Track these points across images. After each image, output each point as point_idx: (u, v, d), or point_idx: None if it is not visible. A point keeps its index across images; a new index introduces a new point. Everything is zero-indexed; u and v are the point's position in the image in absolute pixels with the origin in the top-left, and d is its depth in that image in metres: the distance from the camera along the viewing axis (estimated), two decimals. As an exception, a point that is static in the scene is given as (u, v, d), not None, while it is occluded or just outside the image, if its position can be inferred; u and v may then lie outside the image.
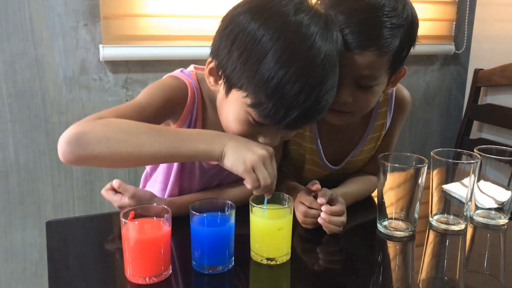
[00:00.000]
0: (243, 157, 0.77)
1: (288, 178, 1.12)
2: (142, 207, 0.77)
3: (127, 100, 1.81)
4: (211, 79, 0.88)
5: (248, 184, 0.79)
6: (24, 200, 1.76)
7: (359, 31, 0.87)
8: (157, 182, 1.07)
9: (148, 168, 1.12)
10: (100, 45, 1.71)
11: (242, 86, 0.80)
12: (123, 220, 0.73)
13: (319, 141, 1.09)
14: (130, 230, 0.73)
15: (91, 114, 0.82)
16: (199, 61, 1.76)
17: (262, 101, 0.78)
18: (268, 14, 0.78)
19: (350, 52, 0.88)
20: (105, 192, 0.93)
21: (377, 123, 1.12)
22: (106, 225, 0.99)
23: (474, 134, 2.24)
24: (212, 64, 0.85)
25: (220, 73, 0.84)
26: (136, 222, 0.74)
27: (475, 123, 2.22)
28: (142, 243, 0.73)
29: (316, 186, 0.94)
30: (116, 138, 0.77)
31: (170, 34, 1.80)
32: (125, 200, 0.90)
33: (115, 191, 0.92)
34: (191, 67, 1.01)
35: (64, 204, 1.82)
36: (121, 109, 0.85)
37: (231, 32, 0.81)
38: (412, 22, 0.92)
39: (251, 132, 0.84)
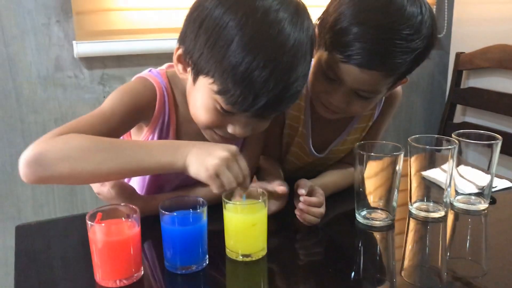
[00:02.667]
0: (205, 164, 0.75)
1: (269, 162, 1.09)
2: (109, 208, 0.74)
3: (104, 97, 1.76)
4: (180, 67, 0.86)
5: (214, 190, 0.77)
6: (3, 203, 1.72)
7: (370, 50, 0.84)
8: (134, 181, 1.04)
9: None
10: (74, 42, 1.67)
11: (209, 72, 0.78)
12: (89, 222, 0.70)
13: (310, 125, 1.08)
14: (97, 232, 0.71)
15: (53, 129, 0.79)
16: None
17: (229, 87, 0.76)
18: (234, 0, 0.76)
19: (356, 66, 0.85)
20: None
21: (365, 113, 1.10)
22: (77, 228, 0.96)
23: (457, 118, 2.23)
24: (180, 51, 0.83)
25: (187, 59, 0.82)
26: (103, 224, 0.71)
27: (458, 107, 2.22)
28: (110, 245, 0.71)
29: (301, 191, 0.91)
30: (76, 156, 0.75)
31: (146, 27, 1.76)
32: (105, 188, 0.88)
33: None
34: (163, 66, 0.98)
35: (44, 206, 1.79)
36: (86, 119, 0.83)
37: (198, 17, 0.79)
38: (428, 45, 0.88)
39: (219, 121, 0.82)
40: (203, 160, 0.75)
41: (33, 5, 1.61)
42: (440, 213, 0.95)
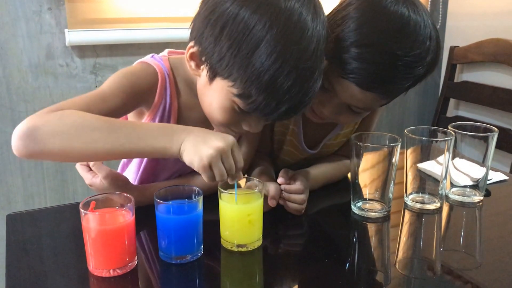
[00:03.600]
0: (200, 153, 0.73)
1: (262, 160, 1.08)
2: (103, 197, 0.73)
3: (96, 86, 1.75)
4: (192, 64, 0.83)
5: (205, 179, 0.75)
6: (-7, 193, 1.70)
7: (371, 73, 0.83)
8: (130, 171, 1.03)
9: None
10: (66, 30, 1.64)
11: (230, 76, 0.76)
12: (83, 211, 0.69)
13: (301, 122, 1.07)
14: (91, 221, 0.69)
15: (51, 105, 0.78)
16: (169, 44, 1.71)
17: (252, 94, 0.75)
18: (259, 1, 0.73)
19: (354, 84, 0.84)
20: (80, 167, 0.90)
21: None
22: (69, 217, 0.95)
23: (451, 112, 2.24)
24: (194, 49, 0.81)
25: (203, 59, 0.80)
26: (97, 213, 0.70)
27: (452, 101, 2.22)
28: (103, 234, 0.69)
29: (281, 179, 0.92)
30: (69, 133, 0.74)
31: (139, 16, 1.75)
32: (97, 180, 0.87)
33: (90, 168, 0.89)
34: (165, 52, 0.97)
35: (35, 196, 1.77)
36: (83, 99, 0.81)
37: (218, 19, 0.75)
38: (429, 70, 0.87)
39: (235, 120, 0.82)
40: (198, 149, 0.73)
41: (24, -8, 1.58)
42: (436, 205, 0.94)
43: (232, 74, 0.75)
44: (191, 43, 0.82)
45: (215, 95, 0.80)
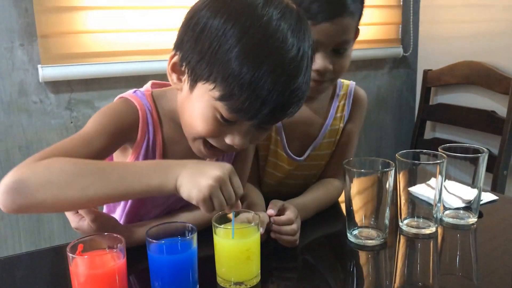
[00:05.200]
0: (198, 185, 0.70)
1: (251, 191, 1.05)
2: (92, 239, 0.68)
3: (71, 122, 1.70)
4: (174, 77, 0.82)
5: (204, 211, 0.72)
6: (-37, 238, 1.62)
7: (329, 2, 0.92)
8: (116, 212, 0.99)
9: None
10: (39, 65, 1.60)
11: (210, 77, 0.74)
12: (71, 255, 0.64)
13: (282, 130, 1.08)
14: (79, 265, 0.65)
15: (33, 155, 0.74)
16: (146, 77, 1.68)
17: (235, 92, 0.72)
18: (234, 7, 0.74)
19: (325, 22, 0.92)
20: None
21: (336, 115, 1.13)
22: (53, 261, 0.89)
23: (428, 134, 2.26)
24: (175, 58, 0.80)
25: (184, 66, 0.79)
26: (86, 256, 0.66)
27: (428, 123, 2.25)
28: (94, 278, 0.65)
29: (270, 211, 0.89)
30: (58, 182, 0.70)
31: (114, 50, 1.72)
32: (84, 223, 0.82)
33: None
34: (148, 84, 0.94)
35: (9, 239, 1.68)
36: (67, 143, 0.79)
37: (197, 24, 0.76)
38: None
39: (217, 131, 0.79)
40: (196, 181, 0.70)
41: (-5, 28, 1.54)
42: (431, 229, 0.93)
43: (212, 73, 0.74)
44: (173, 52, 0.81)
45: (196, 104, 0.79)
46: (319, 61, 0.96)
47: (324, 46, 0.95)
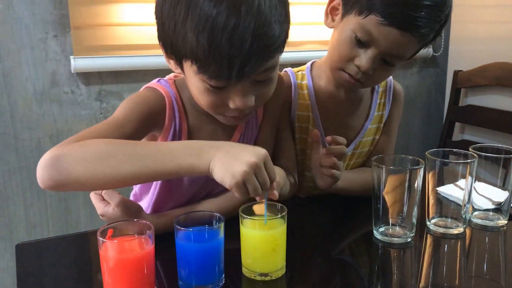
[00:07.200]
0: (232, 170, 0.70)
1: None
2: (122, 224, 0.70)
3: (101, 113, 1.73)
4: (172, 63, 0.85)
5: (237, 196, 0.72)
6: (-6, 223, 1.66)
7: (412, 14, 0.88)
8: (143, 199, 1.01)
9: (136, 188, 1.06)
10: (71, 57, 1.63)
11: (185, 54, 0.77)
12: (101, 239, 0.66)
13: (320, 123, 1.09)
14: (109, 249, 0.66)
15: (69, 137, 0.78)
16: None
17: (203, 61, 0.75)
18: None
19: (395, 28, 0.89)
20: (93, 196, 0.88)
21: (376, 114, 1.13)
22: (82, 246, 0.91)
23: (456, 135, 2.22)
24: (163, 48, 0.83)
25: (169, 53, 0.82)
26: (115, 241, 0.67)
27: (457, 125, 2.21)
28: (122, 263, 0.66)
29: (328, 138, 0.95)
30: (93, 159, 0.73)
31: (145, 43, 1.74)
32: (109, 209, 0.84)
33: (102, 198, 0.86)
34: (171, 75, 0.97)
35: (37, 226, 1.73)
36: (99, 128, 0.82)
37: (157, 12, 0.80)
38: (447, 19, 0.94)
39: (217, 100, 0.81)
40: (230, 166, 0.70)
41: (30, 19, 1.58)
42: (459, 229, 0.92)
43: (186, 52, 0.75)
44: (160, 43, 0.83)
45: (190, 82, 0.82)
46: (364, 60, 0.94)
47: (378, 49, 0.93)
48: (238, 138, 0.97)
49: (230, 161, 0.71)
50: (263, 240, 0.74)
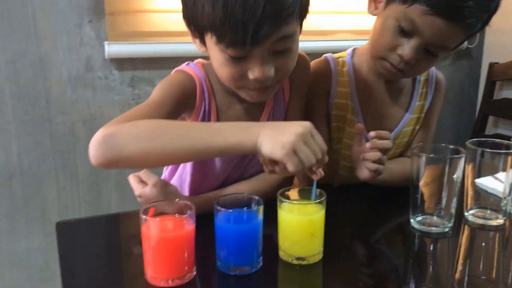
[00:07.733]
0: (281, 141, 0.70)
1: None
2: (163, 203, 0.71)
3: (133, 99, 1.75)
4: (197, 42, 0.87)
5: (290, 168, 0.71)
6: (28, 204, 1.70)
7: (458, 4, 0.86)
8: (177, 182, 1.02)
9: (166, 173, 1.08)
10: (105, 42, 1.65)
11: (205, 27, 0.79)
12: (143, 217, 0.67)
13: (360, 112, 1.07)
14: (151, 228, 0.67)
15: (114, 118, 0.80)
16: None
17: (220, 30, 0.76)
18: None
19: (441, 18, 0.87)
20: (131, 177, 0.90)
21: (418, 103, 1.12)
22: (118, 226, 0.93)
23: (489, 129, 2.18)
24: (188, 27, 0.85)
25: (193, 30, 0.84)
26: (158, 219, 0.68)
27: (490, 118, 2.16)
28: (164, 242, 0.67)
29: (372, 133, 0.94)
30: (145, 137, 0.75)
31: (178, 30, 1.74)
32: (147, 189, 0.85)
33: (140, 180, 0.88)
34: (199, 60, 0.99)
35: (69, 208, 1.76)
36: (141, 108, 0.85)
37: None
38: (495, 10, 0.92)
39: (237, 71, 0.82)
40: (278, 139, 0.71)
41: (66, 5, 1.60)
42: (498, 221, 0.90)
43: (206, 25, 0.78)
44: (185, 20, 0.85)
45: (212, 55, 0.84)
46: (407, 50, 0.92)
47: (422, 39, 0.91)
48: (267, 118, 0.98)
49: (278, 135, 0.71)
50: (301, 225, 0.74)
